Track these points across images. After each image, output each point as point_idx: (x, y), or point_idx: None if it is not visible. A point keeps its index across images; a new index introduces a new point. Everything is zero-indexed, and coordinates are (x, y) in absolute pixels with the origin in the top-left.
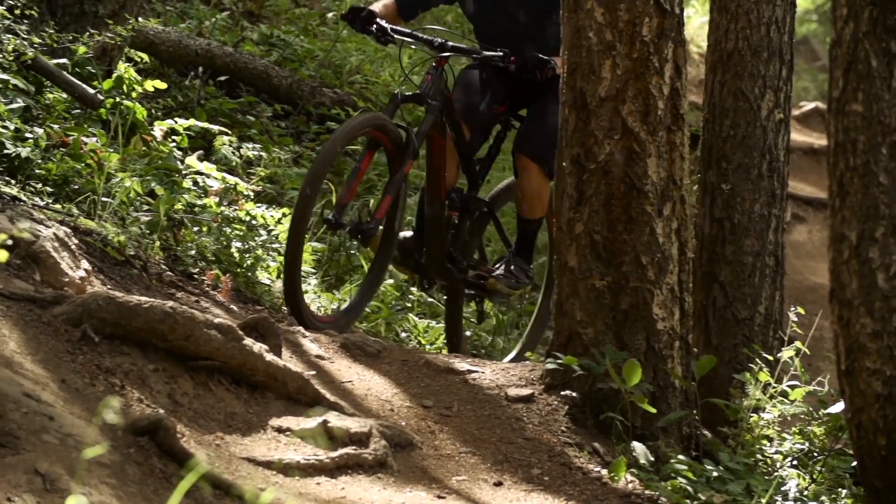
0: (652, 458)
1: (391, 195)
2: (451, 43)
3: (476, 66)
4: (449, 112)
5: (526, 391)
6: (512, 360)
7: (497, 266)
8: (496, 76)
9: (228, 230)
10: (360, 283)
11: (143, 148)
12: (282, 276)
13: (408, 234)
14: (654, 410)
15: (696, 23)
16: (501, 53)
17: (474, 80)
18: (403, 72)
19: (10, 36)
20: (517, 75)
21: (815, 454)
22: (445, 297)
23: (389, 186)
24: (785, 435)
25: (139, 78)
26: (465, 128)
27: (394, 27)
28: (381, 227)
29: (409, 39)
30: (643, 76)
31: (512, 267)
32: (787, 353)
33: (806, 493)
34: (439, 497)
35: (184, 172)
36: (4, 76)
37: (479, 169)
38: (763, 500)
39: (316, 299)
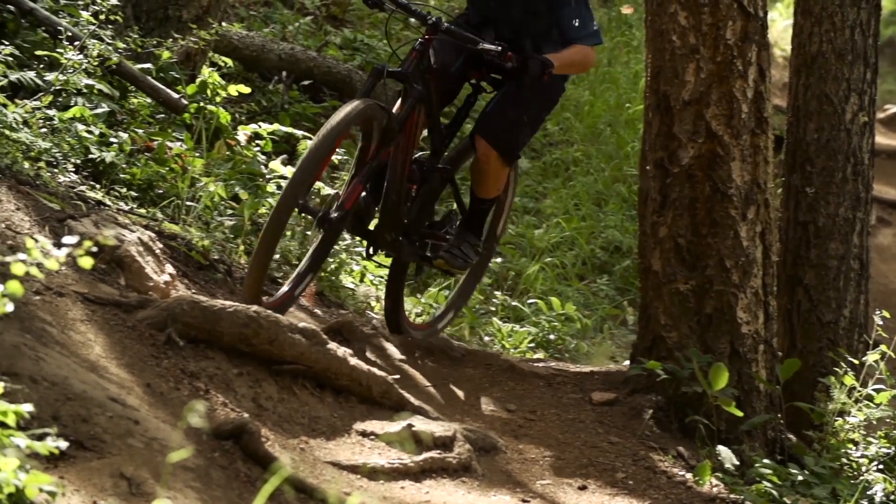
0: (737, 462)
1: (363, 184)
2: (446, 24)
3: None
4: (429, 93)
5: (610, 395)
6: (438, 320)
7: (445, 244)
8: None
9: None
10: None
11: (227, 152)
12: (247, 277)
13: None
14: (739, 414)
15: (780, 26)
16: (499, 48)
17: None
18: (389, 45)
19: (96, 41)
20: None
21: None
22: (389, 266)
23: (361, 174)
24: (870, 439)
25: (223, 82)
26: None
27: None
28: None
29: (401, 10)
30: (727, 80)
31: (461, 246)
32: (872, 357)
33: (892, 497)
34: (523, 501)
35: (267, 177)
36: (90, 81)
37: (443, 136)
38: None
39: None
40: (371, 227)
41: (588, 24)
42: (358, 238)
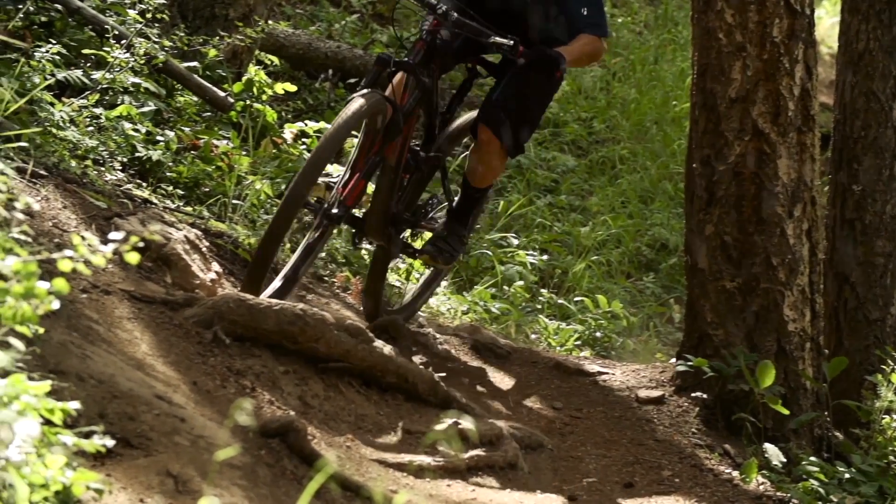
0: (783, 460)
1: (366, 180)
2: (456, 15)
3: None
4: (434, 84)
5: (656, 393)
6: (404, 308)
7: (432, 235)
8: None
9: (417, 236)
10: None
11: (274, 150)
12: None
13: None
14: (786, 412)
15: (827, 23)
16: (511, 42)
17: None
18: (395, 33)
19: (142, 40)
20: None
21: None
22: (373, 257)
23: (364, 169)
24: None
25: (269, 81)
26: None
27: None
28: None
29: None
30: (773, 77)
31: (448, 239)
32: None
33: None
34: (570, 498)
35: None
36: (136, 79)
37: (438, 123)
38: None
39: (446, 301)
40: (359, 214)
41: (596, 13)
42: (346, 226)
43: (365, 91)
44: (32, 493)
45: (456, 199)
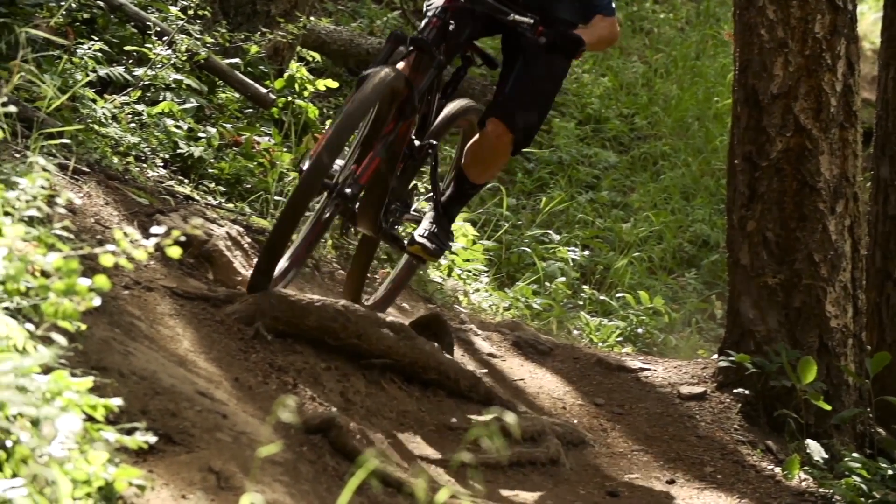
0: (826, 456)
1: (380, 157)
2: None
3: None
4: (445, 64)
5: (698, 389)
6: (378, 303)
7: (419, 227)
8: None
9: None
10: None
11: None
12: (262, 253)
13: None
14: (828, 408)
15: (870, 19)
16: (531, 21)
17: None
18: (403, 10)
19: (184, 36)
20: (514, 28)
21: None
22: (357, 248)
23: (378, 148)
24: None
25: (311, 77)
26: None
27: None
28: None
29: None
30: (815, 73)
31: (437, 232)
32: None
33: None
34: (612, 495)
35: None
36: (178, 76)
37: (434, 109)
38: None
39: (487, 297)
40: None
41: None
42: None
43: (384, 67)
44: (75, 489)
45: (447, 192)
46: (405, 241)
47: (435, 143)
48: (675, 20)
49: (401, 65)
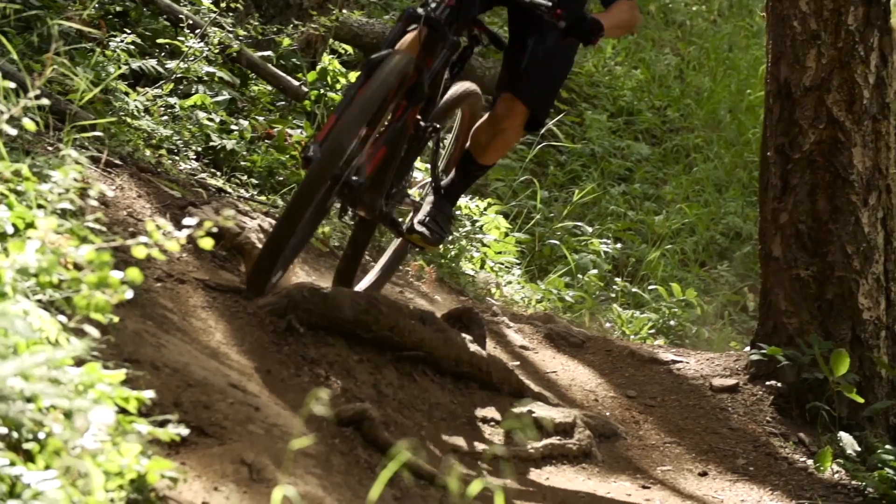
0: (858, 449)
1: (387, 146)
2: None
3: None
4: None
5: (730, 381)
6: (369, 287)
7: (419, 213)
8: None
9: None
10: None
11: None
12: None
13: None
14: (861, 400)
15: None
16: (550, 3)
17: None
18: None
19: (216, 29)
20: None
21: None
22: (352, 233)
23: (384, 136)
24: None
25: (343, 70)
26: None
27: None
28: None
29: None
30: (848, 65)
31: (438, 218)
32: None
33: None
34: (644, 487)
35: None
36: (210, 69)
37: (439, 91)
38: None
39: (519, 290)
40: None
41: None
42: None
43: (396, 53)
44: (107, 481)
45: (450, 175)
46: (404, 228)
47: (439, 126)
48: (707, 12)
49: (409, 37)
